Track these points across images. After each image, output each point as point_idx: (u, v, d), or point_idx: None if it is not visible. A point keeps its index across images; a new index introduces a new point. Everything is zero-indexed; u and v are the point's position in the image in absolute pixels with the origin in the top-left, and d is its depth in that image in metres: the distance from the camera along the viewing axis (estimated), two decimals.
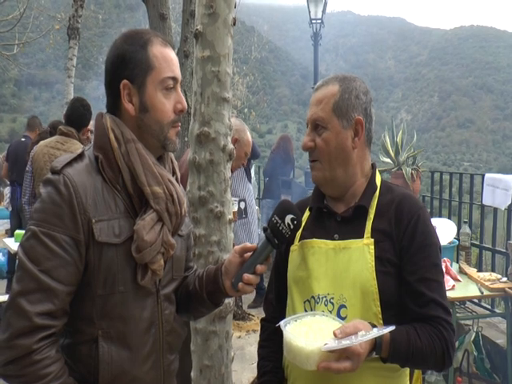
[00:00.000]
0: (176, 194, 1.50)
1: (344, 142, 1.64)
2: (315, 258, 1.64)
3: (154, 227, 1.44)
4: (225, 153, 2.14)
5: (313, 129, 1.67)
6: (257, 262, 1.48)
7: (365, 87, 1.70)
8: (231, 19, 2.16)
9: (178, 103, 1.52)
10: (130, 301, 1.44)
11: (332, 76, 1.72)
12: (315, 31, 10.03)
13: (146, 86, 1.48)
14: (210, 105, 2.12)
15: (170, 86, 1.50)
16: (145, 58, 1.48)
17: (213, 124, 2.12)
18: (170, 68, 1.50)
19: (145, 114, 1.49)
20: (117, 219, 1.42)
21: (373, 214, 1.63)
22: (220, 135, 2.13)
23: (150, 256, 1.43)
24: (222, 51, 2.12)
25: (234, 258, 1.54)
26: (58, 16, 14.71)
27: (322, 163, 1.66)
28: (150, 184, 1.45)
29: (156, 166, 1.48)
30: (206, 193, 2.10)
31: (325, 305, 1.58)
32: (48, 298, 1.31)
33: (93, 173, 1.43)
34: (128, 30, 1.57)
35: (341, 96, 1.64)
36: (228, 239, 2.12)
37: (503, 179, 4.38)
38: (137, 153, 1.45)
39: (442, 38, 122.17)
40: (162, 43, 1.52)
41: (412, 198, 1.69)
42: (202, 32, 2.12)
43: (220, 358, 2.09)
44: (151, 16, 5.74)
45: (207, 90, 2.12)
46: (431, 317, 1.53)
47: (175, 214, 1.50)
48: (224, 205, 2.12)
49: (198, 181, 2.12)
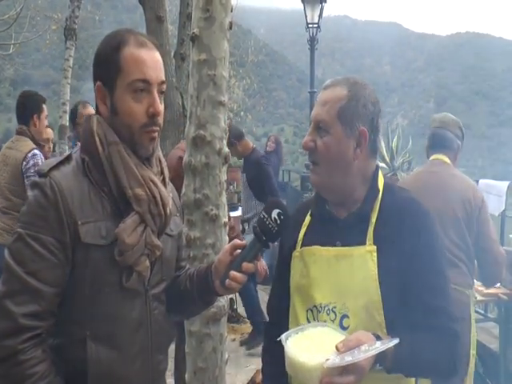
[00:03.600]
0: (159, 195, 1.49)
1: (345, 150, 1.57)
2: (317, 265, 1.60)
3: (137, 229, 1.44)
4: (220, 156, 2.15)
5: (315, 129, 1.61)
6: (245, 259, 1.47)
7: (374, 97, 1.63)
8: (228, 23, 2.17)
9: (151, 107, 1.46)
10: (118, 301, 1.45)
11: (343, 77, 1.65)
12: (312, 35, 10.06)
13: (116, 88, 1.46)
14: (205, 108, 2.12)
15: (139, 89, 1.45)
16: (115, 60, 1.45)
17: (208, 127, 2.12)
18: (141, 70, 1.44)
19: (115, 116, 1.47)
20: (103, 221, 1.42)
21: (375, 219, 1.58)
22: (216, 138, 2.13)
23: (133, 258, 1.43)
24: (218, 55, 2.13)
25: (224, 257, 1.53)
26: (54, 16, 14.67)
27: (320, 167, 1.60)
28: (132, 186, 1.44)
29: (138, 167, 1.47)
30: (202, 196, 2.11)
31: (327, 314, 1.54)
32: (34, 299, 1.32)
33: (79, 175, 1.44)
34: (112, 31, 1.54)
35: (348, 102, 1.57)
36: (223, 242, 2.12)
37: (496, 185, 4.40)
38: (118, 155, 1.44)
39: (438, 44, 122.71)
40: (137, 44, 1.46)
41: (416, 203, 1.63)
42: (199, 35, 2.13)
43: (214, 360, 2.10)
44: (148, 18, 5.74)
45: (203, 93, 2.13)
46: (436, 326, 1.49)
47: (159, 215, 1.49)
48: (219, 208, 2.13)
49: (194, 184, 2.13)
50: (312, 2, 9.93)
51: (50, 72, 54.65)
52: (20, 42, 14.33)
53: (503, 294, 3.75)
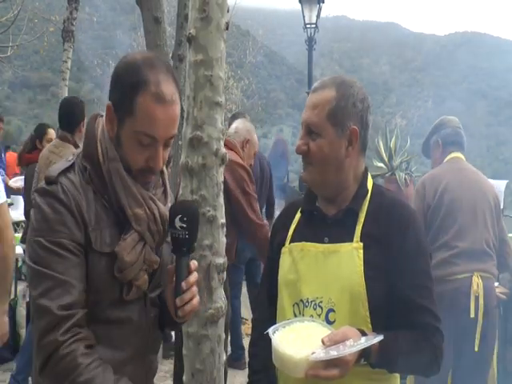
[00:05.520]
0: (158, 213, 1.49)
1: (337, 150, 1.62)
2: (305, 261, 1.64)
3: (136, 247, 1.45)
4: (217, 157, 2.14)
5: (307, 133, 1.65)
6: (181, 279, 1.43)
7: (363, 93, 1.66)
8: (224, 23, 2.17)
9: (151, 160, 1.45)
10: (118, 306, 1.47)
11: (330, 78, 1.68)
12: (310, 36, 10.06)
13: (124, 125, 1.43)
14: (202, 109, 2.12)
15: (144, 143, 1.42)
16: (130, 101, 1.40)
17: (205, 128, 2.12)
18: (151, 126, 1.40)
19: (118, 146, 1.46)
20: (107, 229, 1.44)
21: (363, 217, 1.62)
22: (213, 139, 2.13)
23: (133, 274, 1.45)
24: (214, 55, 2.13)
25: (168, 287, 1.50)
26: (52, 18, 14.66)
27: (314, 167, 1.65)
28: (131, 206, 1.45)
29: (137, 186, 1.46)
30: (199, 197, 2.10)
31: (313, 308, 1.58)
32: (66, 291, 1.34)
33: (83, 183, 1.45)
34: (140, 55, 1.47)
35: (337, 103, 1.60)
36: (220, 243, 2.12)
37: (495, 184, 4.39)
38: (118, 174, 1.44)
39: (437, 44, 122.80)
40: (156, 97, 1.39)
41: (403, 204, 1.69)
42: (195, 36, 2.13)
43: (212, 361, 2.09)
44: (145, 19, 5.74)
45: (200, 94, 2.12)
46: (420, 323, 1.54)
47: (157, 233, 1.50)
48: (216, 209, 2.12)
49: (191, 185, 2.12)
50: (310, 3, 9.95)
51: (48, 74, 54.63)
52: (18, 45, 14.31)
53: (502, 294, 3.74)
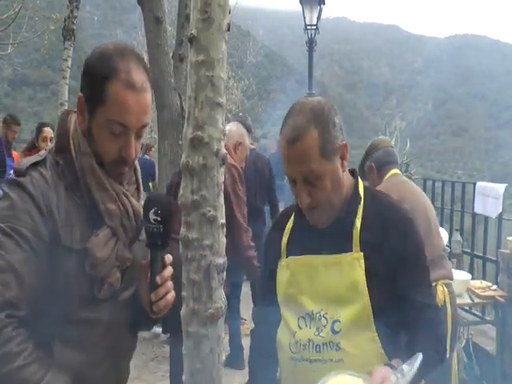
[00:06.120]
0: (132, 209, 1.47)
1: (337, 174, 1.60)
2: (305, 274, 1.64)
3: (108, 243, 1.42)
4: (218, 157, 2.14)
5: (304, 183, 1.58)
6: (156, 274, 1.41)
7: (329, 105, 1.61)
8: (226, 24, 2.17)
9: (123, 150, 1.42)
10: (87, 305, 1.43)
11: (298, 115, 1.57)
12: (310, 37, 10.06)
13: (95, 115, 1.41)
14: (203, 109, 2.12)
15: (116, 132, 1.40)
16: (101, 90, 1.38)
17: (206, 128, 2.12)
18: (122, 114, 1.38)
19: (90, 138, 1.43)
20: (79, 225, 1.41)
21: (359, 225, 1.60)
22: (213, 140, 2.13)
23: (104, 271, 1.42)
24: (216, 56, 2.13)
25: (143, 282, 1.48)
26: (53, 17, 14.66)
27: (320, 207, 1.60)
28: (104, 201, 1.42)
29: (110, 181, 1.44)
30: (199, 197, 2.10)
31: (319, 320, 1.59)
32: (12, 283, 1.29)
33: (55, 178, 1.42)
34: (112, 45, 1.45)
35: (322, 139, 1.54)
36: (220, 243, 2.12)
37: (494, 188, 4.42)
38: (90, 168, 1.41)
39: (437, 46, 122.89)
40: (127, 84, 1.37)
41: (398, 207, 1.69)
42: (197, 37, 2.13)
43: (211, 361, 2.09)
44: (146, 19, 5.75)
45: (201, 94, 2.12)
46: (425, 320, 1.57)
47: (131, 229, 1.48)
48: (217, 209, 2.12)
49: (191, 185, 2.12)
50: (310, 4, 9.95)
51: (48, 72, 54.56)
52: (18, 42, 14.32)
53: (500, 297, 3.76)
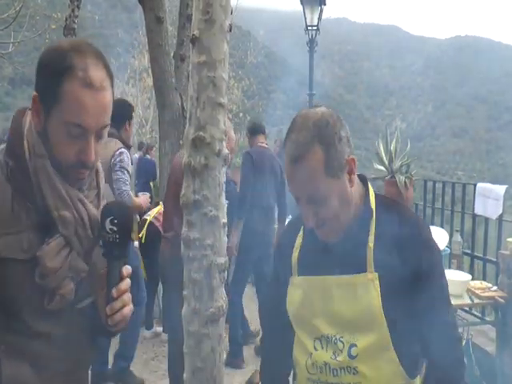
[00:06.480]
0: (88, 217, 1.36)
1: (344, 190, 1.49)
2: (319, 296, 1.56)
3: (61, 252, 1.31)
4: (220, 157, 2.15)
5: (309, 202, 1.48)
6: (112, 285, 1.33)
7: (334, 117, 1.48)
8: (227, 25, 2.18)
9: (82, 153, 1.31)
10: (38, 317, 1.32)
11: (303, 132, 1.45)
12: (311, 38, 10.06)
13: (51, 116, 1.30)
14: (205, 109, 2.13)
15: (73, 134, 1.29)
16: (55, 89, 1.27)
17: (208, 128, 2.13)
18: (79, 115, 1.27)
19: (46, 141, 1.32)
20: (26, 232, 1.29)
21: (372, 242, 1.50)
22: (215, 140, 2.14)
23: (56, 282, 1.31)
24: (217, 57, 2.13)
25: (100, 293, 1.39)
26: (54, 16, 14.67)
27: (328, 224, 1.51)
28: (58, 207, 1.31)
29: (65, 186, 1.34)
30: (201, 197, 2.11)
31: (335, 343, 1.53)
32: None
33: (2, 180, 1.31)
34: (67, 41, 1.35)
35: (328, 157, 1.43)
36: (222, 243, 2.13)
37: (494, 189, 4.42)
38: (44, 172, 1.30)
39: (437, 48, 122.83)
40: (84, 83, 1.26)
41: (412, 220, 1.58)
42: (199, 37, 2.14)
43: (212, 360, 2.10)
44: (148, 19, 5.76)
45: (203, 94, 2.13)
46: (445, 339, 1.49)
47: (86, 238, 1.37)
48: (218, 208, 2.13)
49: (193, 185, 2.13)
50: (311, 5, 9.95)
51: None
52: (19, 41, 14.31)
53: (500, 297, 3.76)
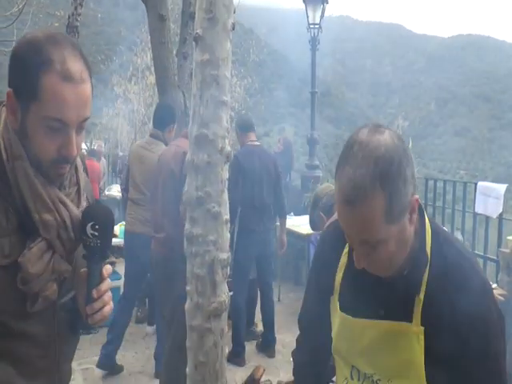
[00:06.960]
0: (70, 219, 1.32)
1: (404, 233, 1.29)
2: (358, 334, 1.46)
3: (43, 257, 1.28)
4: (222, 154, 2.18)
5: (362, 244, 1.29)
6: (93, 286, 1.32)
7: (400, 152, 1.23)
8: (230, 24, 2.20)
9: (64, 148, 1.26)
10: (20, 318, 1.29)
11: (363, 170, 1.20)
12: (313, 36, 10.04)
13: (29, 112, 1.24)
14: (208, 107, 2.15)
15: (54, 128, 1.24)
16: (33, 84, 1.22)
17: (211, 126, 2.15)
18: (59, 109, 1.22)
19: (24, 138, 1.27)
20: (7, 236, 1.25)
21: (423, 293, 1.34)
22: (218, 137, 2.16)
23: (39, 286, 1.28)
24: (221, 55, 2.16)
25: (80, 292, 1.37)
26: (57, 14, 14.68)
27: (384, 266, 1.34)
28: (39, 210, 1.27)
29: (46, 187, 1.29)
30: (204, 193, 2.14)
31: (372, 381, 1.47)
32: None
33: None
34: (41, 32, 1.27)
35: (390, 203, 1.21)
36: (224, 239, 2.16)
37: (495, 188, 4.43)
38: (24, 173, 1.26)
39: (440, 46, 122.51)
40: (62, 76, 1.22)
41: (474, 278, 1.35)
42: (202, 36, 2.16)
43: (215, 354, 2.13)
44: (150, 16, 5.77)
45: (206, 92, 2.15)
46: None
47: (68, 240, 1.33)
48: (221, 205, 2.16)
49: (196, 181, 2.16)
50: (314, 3, 9.92)
51: None
52: None
53: (500, 295, 3.78)
